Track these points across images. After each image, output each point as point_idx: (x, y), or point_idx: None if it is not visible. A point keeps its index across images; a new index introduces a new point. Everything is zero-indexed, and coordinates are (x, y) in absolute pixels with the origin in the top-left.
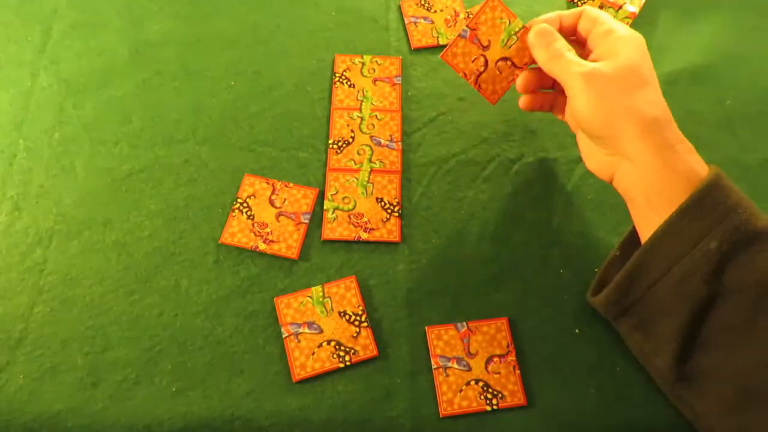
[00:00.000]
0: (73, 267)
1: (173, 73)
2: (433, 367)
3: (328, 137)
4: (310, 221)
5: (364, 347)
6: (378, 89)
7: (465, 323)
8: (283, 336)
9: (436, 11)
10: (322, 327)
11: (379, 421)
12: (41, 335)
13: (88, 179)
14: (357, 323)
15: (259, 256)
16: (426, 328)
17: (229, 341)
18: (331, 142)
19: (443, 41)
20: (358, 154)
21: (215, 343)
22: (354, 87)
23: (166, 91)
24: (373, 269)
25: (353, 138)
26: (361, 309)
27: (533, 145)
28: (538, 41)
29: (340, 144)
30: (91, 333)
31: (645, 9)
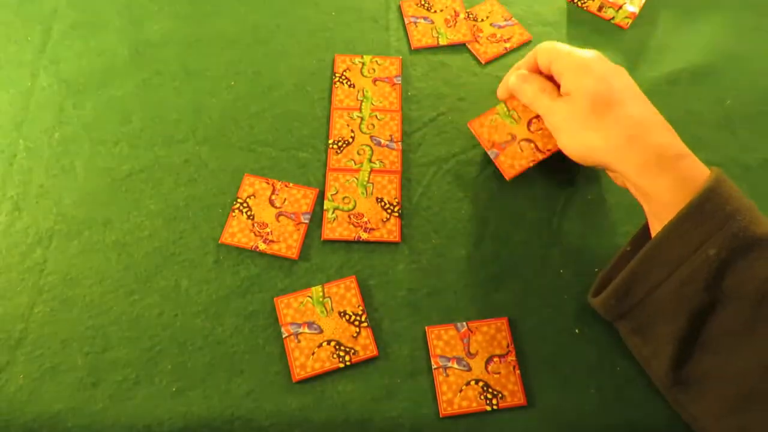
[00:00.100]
0: (73, 267)
1: (173, 73)
2: (433, 367)
3: (328, 137)
4: (310, 221)
5: (364, 347)
6: (378, 89)
7: (465, 323)
8: (283, 336)
9: (436, 11)
10: (322, 327)
11: (379, 421)
12: (41, 335)
13: (88, 179)
14: (357, 323)
15: (259, 256)
16: (426, 328)
17: (229, 341)
18: (331, 142)
19: (443, 41)
20: (358, 154)
21: (215, 343)
22: (354, 87)
23: (166, 91)
24: (373, 269)
25: (353, 138)
26: (361, 309)
27: None
28: (516, 88)
29: (340, 144)
30: (91, 333)
31: (645, 9)
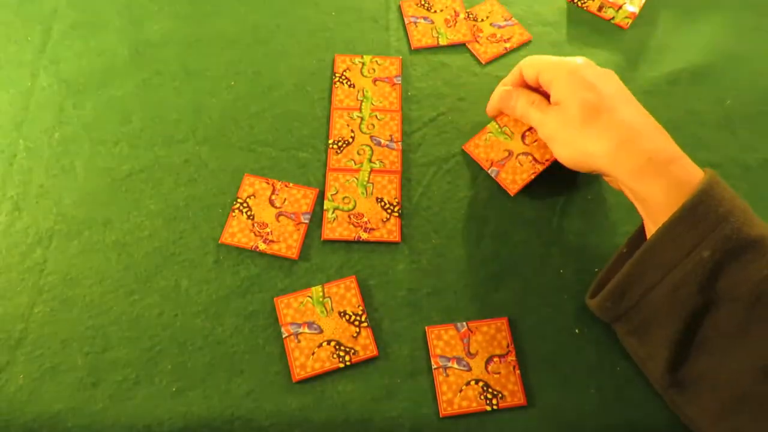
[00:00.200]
0: (73, 267)
1: (173, 73)
2: (433, 367)
3: (328, 137)
4: (310, 221)
5: (364, 347)
6: (378, 89)
7: (465, 323)
8: (283, 336)
9: (436, 11)
10: (322, 327)
11: (379, 421)
12: (41, 335)
13: (88, 179)
14: (357, 323)
15: (259, 256)
16: (426, 328)
17: (229, 341)
18: (331, 142)
19: (443, 41)
20: (358, 154)
21: (215, 343)
22: (354, 87)
23: (166, 91)
24: (373, 269)
25: (353, 138)
26: (361, 309)
27: None
28: (503, 106)
29: (340, 144)
30: (91, 333)
31: (645, 9)
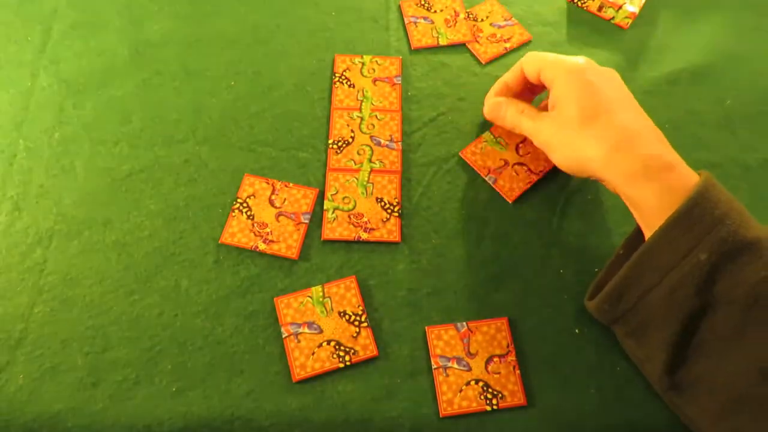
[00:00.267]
0: (73, 267)
1: (173, 73)
2: (433, 367)
3: (328, 137)
4: (310, 221)
5: (364, 347)
6: (378, 89)
7: (465, 323)
8: (283, 336)
9: (436, 11)
10: (322, 327)
11: (379, 421)
12: (41, 335)
13: (88, 179)
14: (357, 323)
15: (259, 256)
16: (426, 328)
17: (229, 341)
18: (331, 142)
19: (443, 41)
20: (358, 154)
21: (215, 343)
22: (354, 87)
23: (166, 91)
24: (373, 269)
25: (353, 138)
26: (361, 309)
27: None
28: (493, 117)
29: (340, 144)
30: (91, 333)
31: (645, 9)
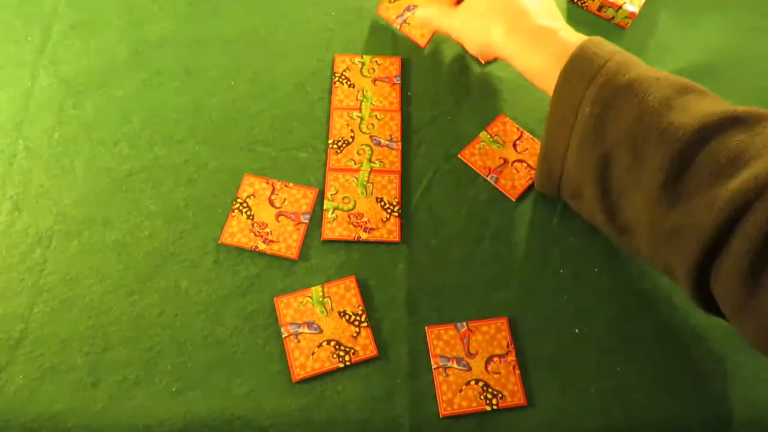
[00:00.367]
0: (73, 267)
1: (173, 73)
2: (433, 367)
3: (328, 137)
4: (310, 221)
5: (364, 347)
6: (378, 89)
7: (465, 323)
8: (283, 336)
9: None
10: (321, 327)
11: (379, 421)
12: (41, 335)
13: (88, 179)
14: (357, 323)
15: (258, 256)
16: (426, 328)
17: (229, 341)
18: (331, 142)
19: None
20: (358, 154)
21: (215, 343)
22: (354, 87)
23: (166, 91)
24: (373, 269)
25: (353, 138)
26: (361, 309)
27: None
28: (421, 24)
29: (340, 144)
30: (91, 333)
31: (645, 9)
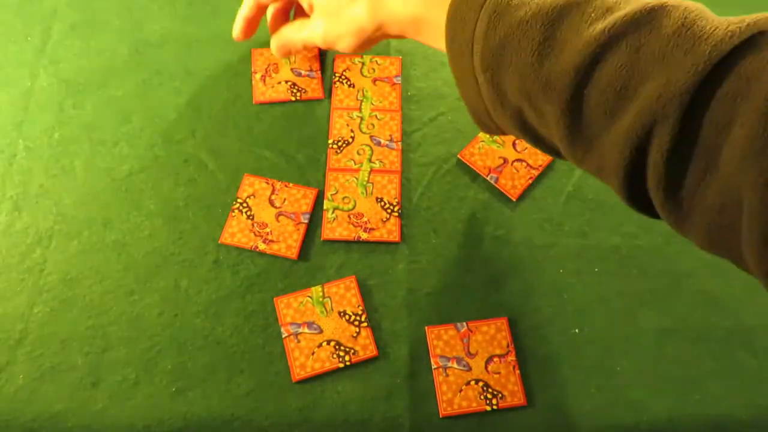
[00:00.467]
0: (73, 267)
1: (173, 73)
2: (433, 367)
3: (328, 137)
4: (310, 221)
5: (364, 347)
6: (378, 89)
7: (465, 323)
8: (283, 336)
9: None
10: (321, 327)
11: (379, 421)
12: (41, 335)
13: (87, 179)
14: (357, 323)
15: (258, 256)
16: (426, 328)
17: (229, 341)
18: (331, 142)
19: None
20: (358, 154)
21: (215, 343)
22: (354, 87)
23: (166, 91)
24: (373, 269)
25: (353, 138)
26: (361, 309)
27: None
28: (284, 51)
29: (339, 144)
30: (91, 333)
31: None
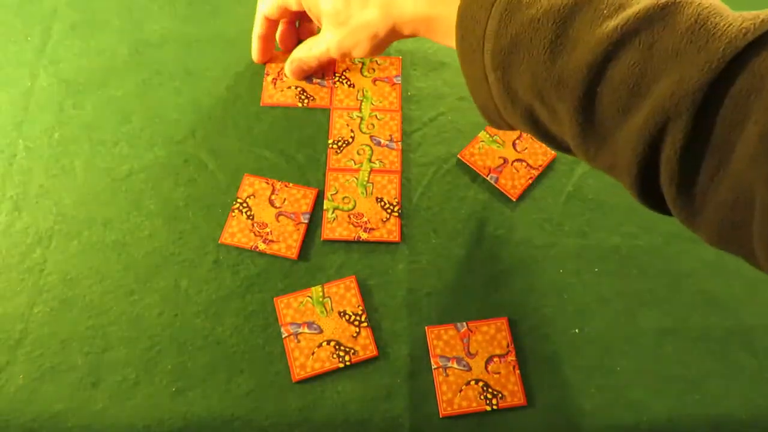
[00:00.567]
0: (73, 267)
1: (173, 73)
2: (433, 367)
3: (328, 137)
4: (310, 221)
5: (364, 347)
6: (378, 89)
7: (465, 323)
8: (283, 336)
9: None
10: (321, 327)
11: (379, 421)
12: (41, 335)
13: (87, 179)
14: (357, 323)
15: (258, 256)
16: (426, 328)
17: (229, 341)
18: (331, 142)
19: None
20: (358, 154)
21: (215, 343)
22: (354, 87)
23: (166, 91)
24: (373, 269)
25: (353, 138)
26: (361, 309)
27: None
28: (300, 73)
29: (339, 144)
30: (91, 333)
31: None
